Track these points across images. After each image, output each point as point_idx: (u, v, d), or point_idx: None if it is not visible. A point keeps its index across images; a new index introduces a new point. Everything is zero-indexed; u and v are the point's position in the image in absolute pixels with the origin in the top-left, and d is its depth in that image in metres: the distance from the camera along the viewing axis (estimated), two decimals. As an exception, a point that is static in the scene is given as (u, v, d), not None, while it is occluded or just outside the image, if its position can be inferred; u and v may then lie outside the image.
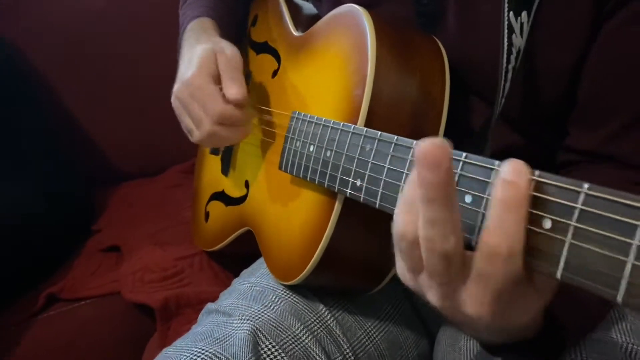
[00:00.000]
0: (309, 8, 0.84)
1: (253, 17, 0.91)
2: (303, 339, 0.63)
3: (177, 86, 0.72)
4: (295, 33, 0.76)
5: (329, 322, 0.66)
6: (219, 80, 0.69)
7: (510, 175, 0.33)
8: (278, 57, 0.79)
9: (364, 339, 0.67)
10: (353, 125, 0.53)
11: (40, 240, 1.03)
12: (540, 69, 0.59)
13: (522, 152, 0.64)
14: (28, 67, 1.25)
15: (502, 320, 0.38)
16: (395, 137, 0.47)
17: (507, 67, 0.57)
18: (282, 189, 0.67)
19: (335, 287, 0.66)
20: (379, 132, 0.49)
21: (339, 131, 0.54)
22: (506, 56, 0.56)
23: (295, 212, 0.63)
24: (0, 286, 0.91)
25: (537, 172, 0.34)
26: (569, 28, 0.57)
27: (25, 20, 1.27)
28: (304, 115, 0.62)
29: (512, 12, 0.56)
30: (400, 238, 0.39)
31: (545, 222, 0.33)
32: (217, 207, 0.88)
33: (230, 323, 0.63)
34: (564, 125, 0.62)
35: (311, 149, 0.59)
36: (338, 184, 0.53)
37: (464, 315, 0.38)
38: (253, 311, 0.64)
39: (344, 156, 0.53)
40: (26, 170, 1.09)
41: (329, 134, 0.56)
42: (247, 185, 0.78)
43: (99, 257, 1.01)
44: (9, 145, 1.08)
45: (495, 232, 0.34)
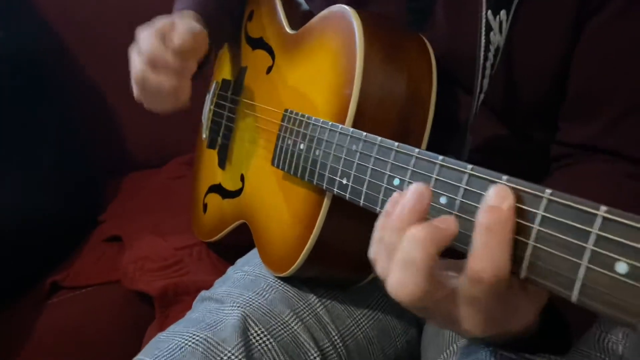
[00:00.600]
0: (303, 5, 0.86)
1: (249, 12, 0.93)
2: (292, 325, 0.66)
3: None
4: (289, 30, 0.78)
5: (319, 310, 0.69)
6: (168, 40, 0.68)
7: (494, 201, 0.35)
8: (272, 53, 0.80)
9: (353, 327, 0.70)
10: (340, 126, 0.55)
11: (48, 231, 1.06)
12: (522, 65, 0.61)
13: (508, 146, 0.67)
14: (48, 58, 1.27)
15: (498, 329, 0.40)
16: (379, 139, 0.49)
17: (485, 63, 0.59)
18: (275, 184, 0.69)
19: (326, 279, 0.68)
20: (364, 133, 0.51)
21: (327, 131, 0.56)
22: (483, 53, 0.58)
23: (287, 207, 0.66)
24: (9, 275, 0.94)
25: (504, 177, 0.36)
26: (550, 25, 0.59)
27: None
28: (295, 113, 0.64)
29: (490, 11, 0.58)
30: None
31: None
32: (214, 200, 0.90)
33: (222, 310, 0.66)
34: (553, 119, 0.63)
35: (301, 147, 0.61)
36: (326, 182, 0.56)
37: (460, 330, 0.40)
38: (244, 298, 0.67)
39: (331, 155, 0.55)
40: (37, 160, 1.12)
41: (318, 133, 0.58)
42: (242, 179, 0.81)
43: (102, 246, 1.04)
44: (24, 134, 1.11)
45: (481, 257, 0.35)
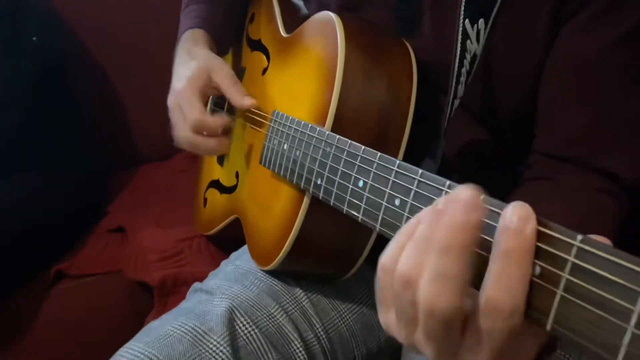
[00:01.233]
0: (302, 9, 0.89)
1: (251, 15, 0.96)
2: (277, 317, 0.69)
3: (169, 96, 0.80)
4: (284, 34, 0.81)
5: (304, 303, 0.72)
6: (206, 94, 0.77)
7: (516, 224, 0.31)
8: (268, 55, 0.84)
9: (337, 320, 0.73)
10: (318, 129, 0.58)
11: (56, 220, 1.10)
12: (500, 72, 0.63)
13: (485, 151, 0.69)
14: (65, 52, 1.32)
15: None
16: (349, 142, 0.52)
17: (460, 70, 0.61)
18: (264, 182, 0.72)
19: (310, 273, 0.71)
20: (337, 137, 0.54)
21: (307, 133, 0.60)
22: (459, 60, 0.60)
23: (272, 203, 0.69)
24: (17, 262, 0.98)
25: (447, 182, 0.39)
26: (528, 35, 0.61)
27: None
28: (281, 115, 0.67)
29: (467, 20, 0.60)
30: (404, 284, 0.35)
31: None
32: (213, 195, 0.94)
33: (211, 301, 0.69)
34: (529, 126, 0.66)
35: (285, 147, 0.64)
36: (303, 181, 0.59)
37: None
38: (233, 291, 0.70)
39: (309, 156, 0.58)
40: (49, 152, 1.17)
41: (299, 135, 0.61)
42: (237, 176, 0.84)
43: (106, 237, 1.09)
44: (38, 127, 1.16)
45: (499, 287, 0.32)
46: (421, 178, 0.41)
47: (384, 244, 0.38)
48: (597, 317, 0.28)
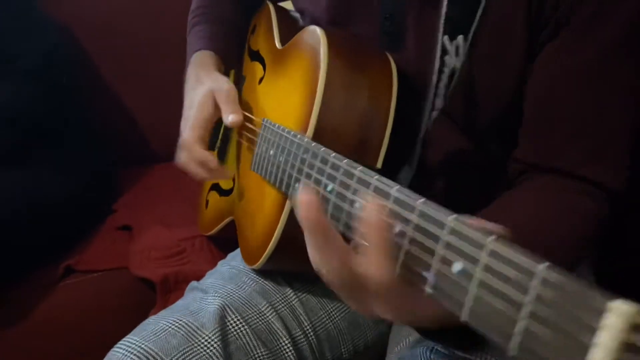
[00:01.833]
0: (298, 20, 0.93)
1: (252, 27, 1.01)
2: (267, 315, 0.74)
3: (179, 149, 0.85)
4: (278, 45, 0.85)
5: (293, 302, 0.76)
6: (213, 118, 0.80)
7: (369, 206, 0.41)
8: (264, 66, 0.88)
9: (325, 318, 0.77)
10: (299, 136, 0.62)
11: (66, 217, 1.16)
12: (481, 85, 0.66)
13: (466, 158, 0.72)
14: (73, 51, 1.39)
15: (408, 317, 0.45)
16: (323, 148, 0.56)
17: (438, 84, 0.65)
18: (254, 186, 0.77)
19: (295, 270, 0.76)
20: (313, 144, 0.58)
21: (288, 140, 0.64)
22: (437, 74, 0.64)
23: (260, 206, 0.74)
24: (27, 257, 1.04)
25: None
26: (505, 51, 0.64)
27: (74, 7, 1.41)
28: (270, 123, 0.72)
29: (446, 36, 0.63)
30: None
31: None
32: (213, 197, 0.99)
33: (205, 299, 0.74)
34: (510, 136, 0.69)
35: (271, 153, 0.69)
36: (284, 186, 0.63)
37: (378, 317, 0.45)
38: (226, 290, 0.75)
39: (289, 162, 0.62)
40: (60, 149, 1.22)
41: (282, 141, 0.65)
42: (233, 179, 0.89)
43: (113, 234, 1.15)
44: (51, 126, 1.22)
45: (371, 263, 0.41)
46: (378, 181, 0.45)
47: None
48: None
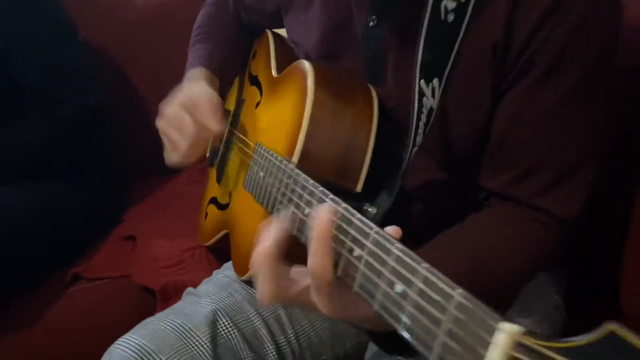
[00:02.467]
0: (294, 49, 1.00)
1: (253, 52, 1.08)
2: (254, 321, 0.80)
3: (158, 118, 0.90)
4: (274, 73, 0.92)
5: (280, 312, 0.83)
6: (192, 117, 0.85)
7: (318, 222, 0.48)
8: (261, 91, 0.95)
9: (308, 328, 0.83)
10: (284, 161, 0.68)
11: (78, 227, 1.23)
12: (454, 123, 0.72)
13: (445, 186, 0.78)
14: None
15: (344, 314, 0.52)
16: (302, 176, 0.62)
17: (418, 123, 0.70)
18: (246, 204, 0.83)
19: None
20: (295, 170, 0.64)
21: (275, 165, 0.70)
22: (416, 114, 0.70)
23: (249, 222, 0.80)
24: (38, 265, 1.11)
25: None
26: (474, 93, 0.69)
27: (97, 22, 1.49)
28: (262, 147, 0.78)
29: (423, 80, 0.69)
30: None
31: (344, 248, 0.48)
32: (212, 210, 1.05)
33: (199, 303, 0.81)
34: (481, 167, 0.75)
35: (260, 175, 0.75)
36: (269, 206, 0.69)
37: (319, 313, 0.52)
38: (219, 296, 0.82)
39: (275, 185, 0.69)
40: (79, 164, 1.29)
41: (270, 165, 0.72)
42: (230, 195, 0.95)
43: (118, 244, 1.22)
44: (73, 144, 1.27)
45: (313, 260, 0.49)
46: (344, 211, 0.51)
47: None
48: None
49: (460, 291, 0.36)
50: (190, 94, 0.88)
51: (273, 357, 0.79)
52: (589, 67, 0.64)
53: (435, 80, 0.69)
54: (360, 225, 0.47)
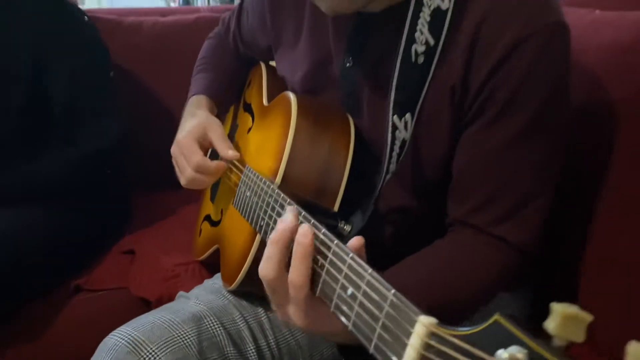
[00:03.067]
0: (283, 80, 1.09)
1: (248, 82, 1.17)
2: (239, 323, 0.87)
3: (173, 146, 0.99)
4: (265, 102, 1.01)
5: (262, 319, 0.90)
6: (203, 145, 0.96)
7: (301, 237, 0.56)
8: (253, 118, 1.03)
9: (288, 335, 0.91)
10: (268, 183, 0.76)
11: (81, 244, 1.30)
12: (424, 154, 0.80)
13: (415, 212, 0.86)
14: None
15: (318, 326, 0.59)
16: (282, 196, 0.70)
17: (391, 154, 0.77)
18: (235, 221, 0.91)
19: (262, 293, 0.89)
20: (276, 191, 0.72)
21: (260, 186, 0.78)
22: (390, 146, 0.77)
23: (237, 238, 0.88)
24: (43, 277, 1.19)
25: (350, 255, 0.52)
26: (439, 129, 0.78)
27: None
28: (250, 170, 0.86)
29: (395, 115, 0.76)
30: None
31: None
32: (205, 226, 1.13)
33: (188, 303, 0.89)
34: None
35: (247, 194, 0.83)
36: (253, 223, 0.77)
37: (294, 325, 0.60)
38: (207, 298, 0.89)
39: (259, 204, 0.77)
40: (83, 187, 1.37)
41: (256, 186, 0.80)
42: (222, 213, 1.03)
43: (118, 258, 1.29)
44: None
45: (294, 273, 0.56)
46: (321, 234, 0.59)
47: None
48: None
49: (393, 292, 0.43)
50: (200, 124, 0.97)
51: (253, 357, 0.86)
52: (537, 109, 0.72)
53: (408, 115, 0.76)
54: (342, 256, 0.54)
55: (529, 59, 0.70)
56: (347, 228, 0.78)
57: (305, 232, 0.56)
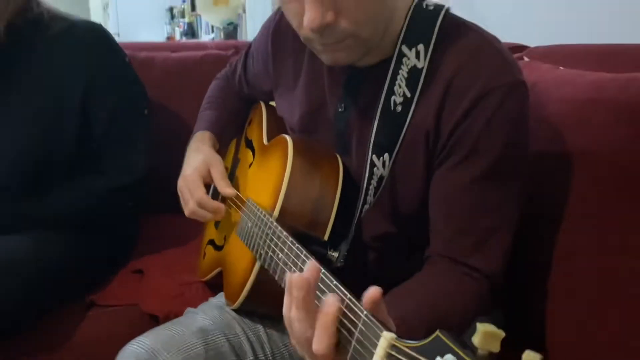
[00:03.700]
0: (282, 120, 1.21)
1: (249, 119, 1.30)
2: (240, 337, 0.99)
3: (179, 179, 1.12)
4: (265, 141, 1.13)
5: (260, 333, 1.02)
6: (206, 180, 1.08)
7: (326, 309, 0.57)
8: (254, 154, 1.16)
9: (283, 349, 1.02)
10: (267, 215, 0.88)
11: (93, 263, 1.39)
12: (400, 189, 0.92)
13: (396, 239, 0.98)
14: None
15: None
16: (279, 228, 0.82)
17: (368, 187, 0.90)
18: (237, 247, 1.02)
19: (261, 312, 1.01)
20: (274, 224, 0.84)
21: (260, 217, 0.90)
22: (367, 181, 0.89)
23: (239, 263, 0.99)
24: (61, 294, 1.29)
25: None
26: (414, 169, 0.90)
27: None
28: (252, 202, 0.98)
29: (374, 155, 0.89)
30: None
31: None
32: (209, 250, 1.25)
33: (196, 317, 1.01)
34: (426, 224, 0.93)
35: (249, 224, 0.95)
36: (253, 250, 0.89)
37: None
38: (212, 314, 1.01)
39: (258, 234, 0.89)
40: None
41: (256, 218, 0.92)
42: (225, 238, 1.15)
43: (128, 277, 1.40)
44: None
45: (316, 341, 0.58)
46: (305, 257, 0.71)
47: None
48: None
49: (365, 313, 0.55)
50: (204, 161, 1.11)
51: None
52: (496, 154, 0.84)
53: (386, 155, 0.89)
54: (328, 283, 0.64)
55: (489, 111, 0.83)
56: (335, 255, 0.90)
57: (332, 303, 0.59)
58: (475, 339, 0.45)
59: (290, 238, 0.78)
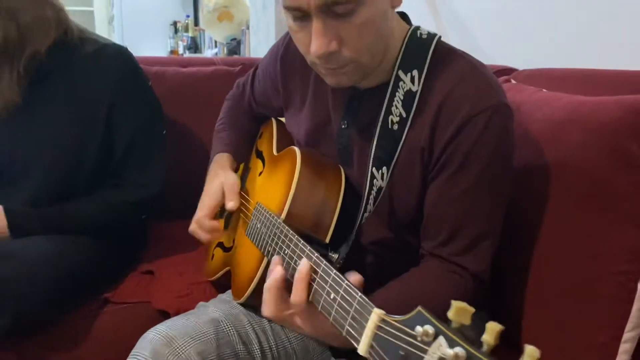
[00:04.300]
0: (290, 134, 1.31)
1: (260, 132, 1.40)
2: (247, 328, 1.09)
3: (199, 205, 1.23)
4: (275, 152, 1.24)
5: (265, 326, 1.11)
6: (221, 201, 1.19)
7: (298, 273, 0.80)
8: (264, 164, 1.26)
9: (285, 340, 1.12)
10: (275, 217, 0.98)
11: (108, 265, 1.48)
12: (397, 198, 1.02)
13: (393, 244, 1.08)
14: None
15: (323, 331, 0.82)
16: (286, 228, 0.92)
17: (369, 197, 1.00)
18: (246, 247, 1.12)
19: None
20: (282, 224, 0.94)
21: (269, 219, 1.00)
22: (367, 191, 0.99)
23: (247, 261, 1.09)
24: (78, 292, 1.38)
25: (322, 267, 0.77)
26: (412, 180, 1.00)
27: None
28: (261, 206, 1.08)
29: (374, 167, 0.99)
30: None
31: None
32: (218, 251, 1.35)
33: (207, 310, 1.10)
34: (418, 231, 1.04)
35: (258, 226, 1.05)
36: (263, 249, 0.99)
37: (303, 332, 0.85)
38: (222, 307, 1.11)
39: (267, 234, 0.99)
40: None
41: (265, 219, 1.02)
42: (233, 240, 1.25)
43: (139, 277, 1.51)
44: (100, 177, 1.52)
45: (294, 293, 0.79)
46: (310, 252, 0.81)
47: None
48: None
49: (359, 294, 0.65)
50: (220, 184, 1.21)
51: (258, 355, 1.07)
52: (483, 169, 0.94)
53: (384, 168, 0.99)
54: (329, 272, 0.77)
55: (476, 131, 0.93)
56: (335, 256, 0.99)
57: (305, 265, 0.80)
58: (450, 313, 0.55)
59: (296, 236, 0.88)
